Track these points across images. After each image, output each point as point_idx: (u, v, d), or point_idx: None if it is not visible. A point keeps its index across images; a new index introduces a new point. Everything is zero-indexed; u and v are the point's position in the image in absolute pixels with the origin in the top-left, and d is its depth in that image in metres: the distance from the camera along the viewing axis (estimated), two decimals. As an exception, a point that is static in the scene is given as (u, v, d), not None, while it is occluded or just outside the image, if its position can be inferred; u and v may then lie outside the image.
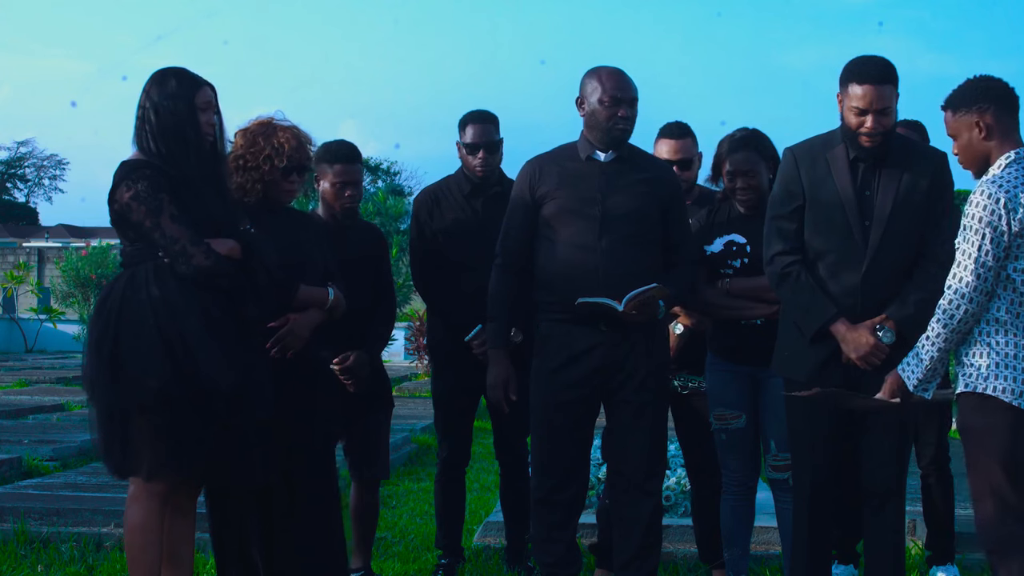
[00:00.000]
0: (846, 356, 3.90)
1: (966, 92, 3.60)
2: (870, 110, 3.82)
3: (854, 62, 3.90)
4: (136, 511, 3.59)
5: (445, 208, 4.94)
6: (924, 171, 3.92)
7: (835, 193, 3.92)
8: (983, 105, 3.56)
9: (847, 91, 3.87)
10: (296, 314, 3.95)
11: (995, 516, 3.48)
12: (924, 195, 3.89)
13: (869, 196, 3.91)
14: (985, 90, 3.59)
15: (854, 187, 3.91)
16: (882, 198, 3.89)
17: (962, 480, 4.92)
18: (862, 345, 3.86)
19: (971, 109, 3.57)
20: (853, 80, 3.85)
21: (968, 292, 3.49)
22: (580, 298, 4.04)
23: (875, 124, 3.83)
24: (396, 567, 5.20)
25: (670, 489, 5.52)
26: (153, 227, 3.53)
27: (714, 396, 4.44)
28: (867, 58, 3.90)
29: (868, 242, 3.89)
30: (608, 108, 4.11)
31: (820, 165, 3.96)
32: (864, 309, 3.90)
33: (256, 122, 4.06)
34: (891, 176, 3.91)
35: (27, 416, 10.06)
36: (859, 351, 3.86)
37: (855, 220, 3.90)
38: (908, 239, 3.90)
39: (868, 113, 3.83)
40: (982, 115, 3.56)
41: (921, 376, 3.63)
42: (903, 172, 3.91)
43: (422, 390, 12.61)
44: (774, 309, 4.23)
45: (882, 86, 3.83)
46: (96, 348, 3.57)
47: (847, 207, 3.90)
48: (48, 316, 20.76)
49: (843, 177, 3.92)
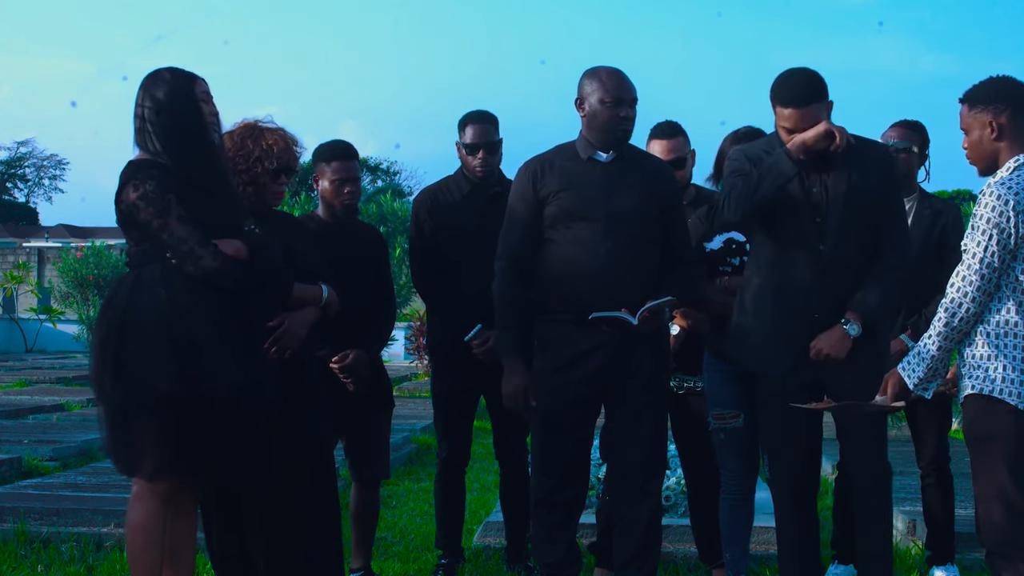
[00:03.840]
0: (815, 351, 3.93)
1: (986, 90, 3.60)
2: (797, 130, 3.90)
3: (779, 83, 3.94)
4: (138, 511, 3.59)
5: (445, 208, 4.94)
6: (871, 165, 3.98)
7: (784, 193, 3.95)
8: (1000, 106, 3.56)
9: (775, 110, 3.94)
10: (291, 313, 3.94)
11: (1002, 519, 3.47)
12: (875, 188, 3.95)
13: (817, 194, 3.95)
14: (1006, 91, 3.58)
15: (802, 188, 3.95)
16: (833, 195, 3.94)
17: (962, 480, 4.93)
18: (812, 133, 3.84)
19: (988, 107, 3.57)
20: (778, 103, 3.93)
21: (972, 292, 3.50)
22: (594, 312, 4.04)
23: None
24: (396, 567, 5.20)
25: (670, 489, 5.52)
26: (160, 228, 3.53)
27: (712, 396, 4.44)
28: (791, 78, 3.93)
29: (823, 238, 3.94)
30: (610, 108, 4.11)
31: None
32: (822, 308, 3.95)
33: (242, 125, 4.05)
34: (839, 174, 3.95)
35: (27, 416, 10.06)
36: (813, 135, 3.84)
37: (806, 218, 3.95)
38: (862, 234, 3.96)
39: (796, 132, 3.90)
40: (997, 116, 3.56)
41: (922, 375, 3.63)
42: (851, 168, 3.95)
43: (422, 390, 12.61)
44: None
45: (806, 107, 3.89)
46: (102, 348, 3.57)
47: (796, 206, 3.95)
48: (48, 316, 20.75)
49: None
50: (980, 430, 3.55)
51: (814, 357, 3.95)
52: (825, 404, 3.85)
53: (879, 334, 4.02)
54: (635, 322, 4.03)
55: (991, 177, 3.57)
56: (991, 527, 3.51)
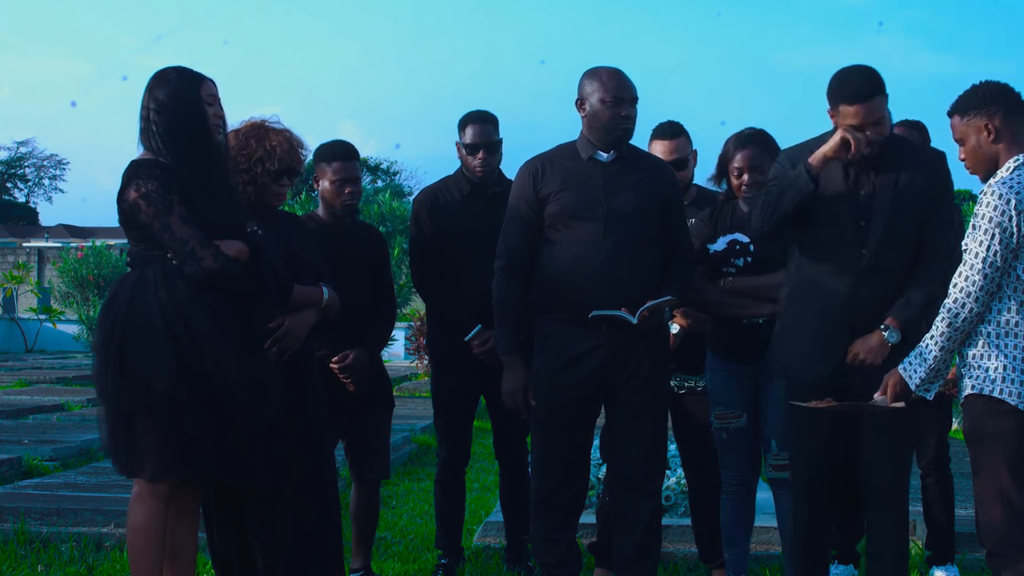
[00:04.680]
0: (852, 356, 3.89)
1: (974, 96, 3.60)
2: (865, 125, 3.83)
3: (839, 81, 3.88)
4: (139, 511, 3.58)
5: (444, 208, 4.94)
6: (921, 170, 3.92)
7: (827, 195, 3.91)
8: (992, 108, 3.56)
9: (838, 110, 3.88)
10: (292, 314, 3.94)
11: (1002, 519, 3.47)
12: (922, 193, 3.88)
13: (865, 196, 3.91)
14: (993, 94, 3.59)
15: (847, 187, 3.91)
16: (880, 198, 3.89)
17: (962, 480, 4.94)
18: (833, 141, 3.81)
19: (980, 112, 3.57)
20: (842, 101, 3.86)
21: (975, 292, 3.49)
22: (594, 311, 4.04)
23: (872, 136, 3.84)
24: (396, 567, 5.20)
25: (670, 489, 5.52)
26: (163, 228, 3.52)
27: (715, 395, 4.44)
28: (851, 74, 3.88)
29: (865, 243, 3.89)
30: (611, 108, 4.11)
31: None
32: (863, 311, 3.89)
33: (248, 124, 4.05)
34: (888, 176, 3.90)
35: (27, 416, 10.06)
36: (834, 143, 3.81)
37: (849, 220, 3.90)
38: (906, 239, 3.89)
39: (864, 128, 3.84)
40: (991, 118, 3.56)
41: (924, 375, 3.62)
42: (900, 172, 3.90)
43: (422, 390, 12.61)
44: (776, 308, 4.24)
45: (871, 101, 3.83)
46: (103, 348, 3.57)
47: (840, 207, 3.90)
48: (48, 316, 20.76)
49: (836, 178, 3.92)
50: (980, 430, 3.55)
51: (850, 362, 3.90)
52: (825, 403, 3.83)
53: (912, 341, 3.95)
54: (635, 321, 4.03)
55: (991, 178, 3.57)
56: (991, 527, 3.51)
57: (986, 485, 3.52)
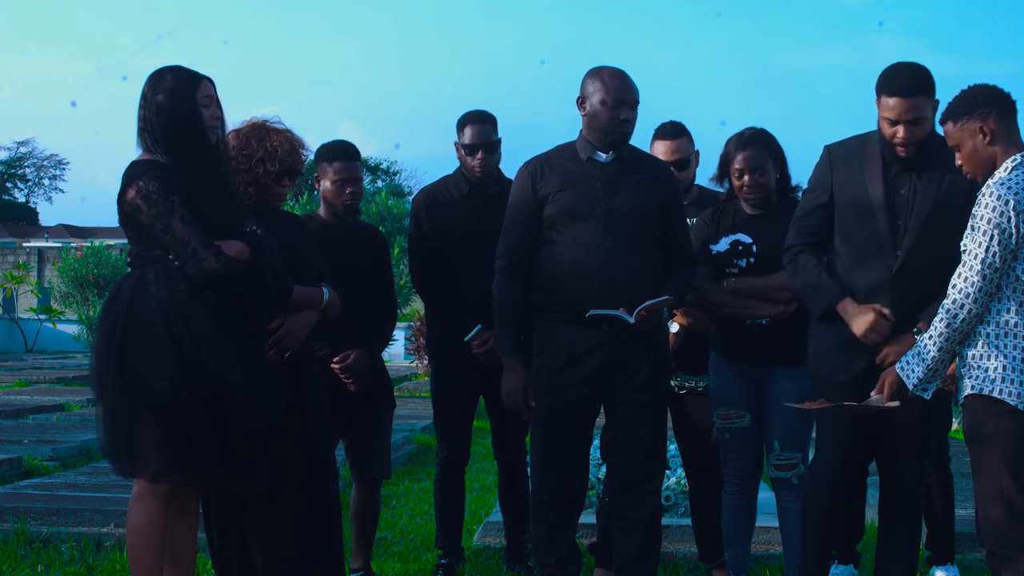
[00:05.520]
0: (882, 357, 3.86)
1: (965, 101, 3.60)
2: (900, 121, 3.81)
3: (887, 72, 3.87)
4: (139, 511, 3.58)
5: (443, 208, 4.93)
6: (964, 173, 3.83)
7: (865, 192, 3.91)
8: (985, 111, 3.56)
9: (879, 101, 3.86)
10: (292, 315, 3.94)
11: (1002, 520, 3.48)
12: (964, 196, 3.80)
13: (904, 196, 3.89)
14: (984, 96, 3.59)
15: (885, 187, 3.89)
16: (921, 199, 3.87)
17: (962, 480, 4.94)
18: (861, 323, 3.84)
19: (973, 116, 3.57)
20: (884, 92, 3.84)
21: (973, 292, 3.50)
22: (591, 310, 4.04)
23: (907, 135, 3.82)
24: (396, 567, 5.20)
25: (670, 489, 5.52)
26: (164, 229, 3.52)
27: (718, 395, 4.44)
28: (900, 68, 3.86)
29: (899, 243, 3.87)
30: (610, 110, 4.10)
31: (854, 164, 3.96)
32: (894, 311, 3.86)
33: (250, 123, 4.04)
34: (931, 178, 3.88)
35: (27, 416, 10.06)
36: (859, 328, 3.85)
37: (884, 220, 3.88)
38: (944, 241, 3.81)
39: (899, 124, 3.82)
40: (985, 120, 3.56)
41: (922, 375, 3.63)
42: (945, 173, 3.86)
43: (422, 390, 12.61)
44: (779, 309, 4.25)
45: (913, 98, 3.80)
46: (104, 348, 3.57)
47: (876, 207, 3.89)
48: (48, 316, 20.76)
49: (875, 177, 3.91)
50: (980, 430, 3.55)
51: (879, 362, 3.87)
52: (819, 404, 3.83)
53: None
54: (632, 321, 4.03)
55: (989, 178, 3.57)
56: (991, 527, 3.51)
57: (986, 485, 3.52)
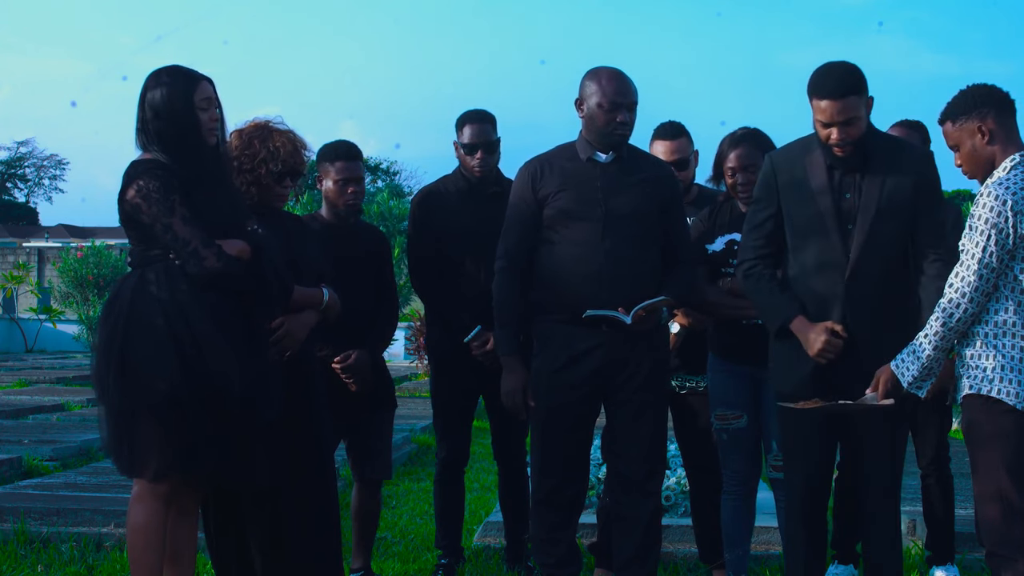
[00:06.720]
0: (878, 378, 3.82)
1: (963, 101, 3.60)
2: (834, 123, 3.78)
3: (816, 74, 3.84)
4: (139, 511, 3.58)
5: (443, 208, 4.93)
6: (909, 170, 3.85)
7: (812, 198, 3.87)
8: (983, 110, 3.56)
9: (812, 103, 3.83)
10: (292, 315, 3.94)
11: (1000, 519, 3.48)
12: (910, 195, 3.82)
13: (849, 199, 3.85)
14: (982, 96, 3.59)
15: (831, 191, 3.86)
16: (866, 201, 3.83)
17: (962, 480, 4.93)
18: (814, 343, 3.82)
19: (971, 116, 3.57)
20: (815, 94, 3.81)
21: (970, 292, 3.50)
22: (588, 310, 4.04)
23: (841, 135, 3.79)
24: (396, 567, 5.20)
25: (670, 489, 5.52)
26: (164, 229, 3.52)
27: (715, 396, 4.44)
28: (829, 69, 3.83)
29: (850, 247, 3.83)
30: (607, 113, 4.10)
31: (798, 170, 3.92)
32: (850, 315, 3.84)
33: (252, 124, 4.04)
34: (874, 179, 3.84)
35: (27, 416, 10.07)
36: (812, 348, 3.83)
37: (833, 225, 3.84)
38: (893, 241, 3.84)
39: (833, 126, 3.79)
40: (983, 120, 3.56)
41: (917, 373, 3.63)
42: (887, 173, 3.84)
43: (422, 390, 12.61)
44: None
45: (844, 99, 3.76)
46: (105, 348, 3.56)
47: (824, 212, 3.85)
48: (48, 316, 20.77)
49: (820, 182, 3.87)
50: (979, 430, 3.55)
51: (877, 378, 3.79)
52: (812, 404, 3.82)
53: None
54: (629, 321, 4.02)
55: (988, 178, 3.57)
56: (990, 527, 3.52)
57: (985, 485, 3.52)
